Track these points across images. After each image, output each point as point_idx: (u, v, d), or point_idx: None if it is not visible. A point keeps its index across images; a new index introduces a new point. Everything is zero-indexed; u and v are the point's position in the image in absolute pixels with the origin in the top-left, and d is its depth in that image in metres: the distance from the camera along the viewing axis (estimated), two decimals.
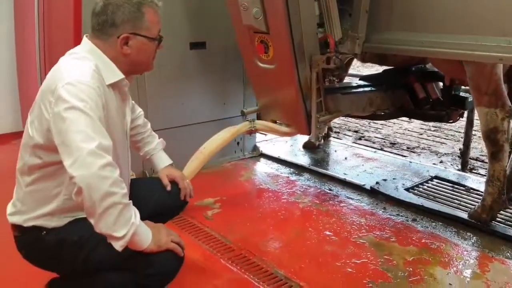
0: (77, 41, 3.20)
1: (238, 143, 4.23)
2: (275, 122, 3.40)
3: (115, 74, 1.75)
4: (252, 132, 3.41)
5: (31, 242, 1.76)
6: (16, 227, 1.77)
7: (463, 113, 3.41)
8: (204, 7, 3.71)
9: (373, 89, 3.45)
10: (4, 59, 4.49)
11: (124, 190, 1.56)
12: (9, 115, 4.61)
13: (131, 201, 1.61)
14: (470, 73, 2.76)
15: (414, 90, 3.37)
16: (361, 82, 3.61)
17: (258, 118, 3.56)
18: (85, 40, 1.77)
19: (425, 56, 3.00)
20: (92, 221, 1.53)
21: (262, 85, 3.34)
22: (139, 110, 2.22)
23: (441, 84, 3.41)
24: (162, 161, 2.23)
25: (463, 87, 3.42)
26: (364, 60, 3.64)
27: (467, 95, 3.31)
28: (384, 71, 3.69)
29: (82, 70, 1.64)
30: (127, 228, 1.56)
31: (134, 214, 1.60)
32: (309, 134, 3.23)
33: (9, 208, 1.79)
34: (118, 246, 1.56)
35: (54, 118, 1.55)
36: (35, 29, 3.86)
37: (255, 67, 3.21)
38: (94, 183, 1.47)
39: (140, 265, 1.72)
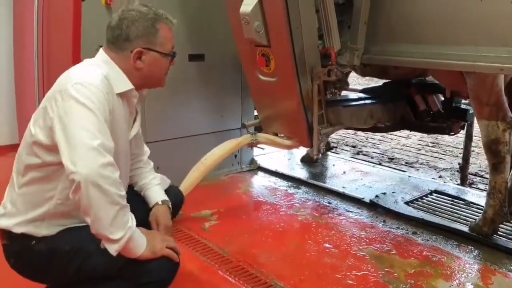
0: (76, 55, 3.26)
1: (235, 156, 4.19)
2: (276, 135, 3.38)
3: (125, 84, 1.76)
4: (253, 145, 3.38)
5: (20, 251, 1.70)
6: (5, 234, 1.71)
7: (464, 125, 3.39)
8: (203, 19, 3.71)
9: (373, 101, 3.44)
10: (1, 71, 4.46)
11: (123, 192, 1.53)
12: (6, 127, 4.57)
13: (128, 205, 1.57)
14: (471, 85, 2.75)
15: (414, 103, 3.36)
16: (362, 95, 3.60)
17: (259, 131, 3.53)
18: (101, 51, 1.80)
19: (425, 67, 2.98)
20: (88, 220, 1.50)
21: (264, 98, 3.33)
22: (147, 149, 2.18)
23: (441, 96, 3.39)
24: (154, 196, 2.05)
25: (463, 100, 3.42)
26: (364, 74, 3.63)
27: (468, 107, 3.30)
28: (384, 83, 3.68)
29: (92, 75, 1.65)
30: (124, 231, 1.52)
31: (131, 218, 1.57)
32: (311, 147, 3.21)
33: None
34: (113, 250, 1.52)
35: (59, 114, 1.54)
36: (33, 41, 3.84)
37: (257, 80, 3.20)
38: (93, 180, 1.44)
39: (135, 273, 1.67)
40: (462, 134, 4.59)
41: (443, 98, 3.40)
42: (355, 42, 2.99)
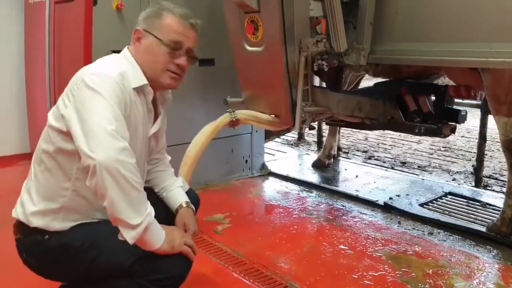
0: (87, 61, 3.26)
1: (246, 161, 4.18)
2: None
3: (139, 79, 1.74)
4: (234, 124, 3.22)
5: (33, 245, 1.69)
6: (19, 227, 1.70)
7: (455, 127, 3.19)
8: (212, 24, 3.71)
9: (364, 95, 3.37)
10: (13, 80, 4.49)
11: (139, 179, 1.52)
12: (17, 136, 4.58)
13: (145, 192, 1.56)
14: (487, 83, 2.71)
15: (405, 103, 3.21)
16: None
17: None
18: (125, 48, 1.83)
19: (438, 65, 2.95)
20: (104, 204, 1.48)
21: (249, 73, 3.24)
22: (168, 156, 2.16)
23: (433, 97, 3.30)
24: (178, 199, 2.00)
25: (456, 100, 3.35)
26: (376, 74, 3.59)
27: (459, 108, 3.20)
28: (376, 84, 3.63)
29: (110, 67, 1.67)
30: (142, 217, 1.50)
31: (149, 206, 1.56)
32: (293, 125, 3.07)
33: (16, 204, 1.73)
34: (130, 236, 1.50)
35: (75, 103, 1.55)
36: (45, 49, 3.86)
37: (243, 51, 3.13)
38: (109, 164, 1.43)
39: (148, 269, 1.63)
40: (475, 137, 4.54)
41: (435, 99, 3.28)
42: (361, 42, 2.95)
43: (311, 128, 3.44)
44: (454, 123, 3.17)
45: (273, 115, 3.19)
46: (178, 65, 1.79)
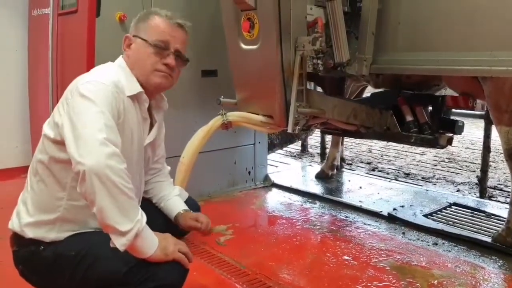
0: None
1: (249, 172, 4.16)
2: None
3: (134, 87, 1.74)
4: (227, 126, 3.19)
5: (28, 256, 1.67)
6: (15, 239, 1.69)
7: (452, 138, 3.15)
8: (215, 35, 3.72)
9: (360, 103, 3.34)
10: (16, 92, 4.50)
11: (130, 184, 1.49)
12: (20, 149, 4.58)
13: (136, 199, 1.55)
14: (488, 91, 2.70)
15: (401, 113, 3.20)
16: None
17: None
18: (119, 57, 1.82)
19: (440, 74, 2.95)
20: (94, 210, 1.46)
21: (243, 73, 3.20)
22: (168, 166, 2.15)
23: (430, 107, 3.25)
24: (176, 206, 2.01)
25: (458, 110, 3.32)
26: (377, 85, 3.60)
27: (456, 119, 3.17)
28: (373, 94, 3.62)
29: (104, 75, 1.67)
30: (132, 223, 1.47)
31: (140, 213, 1.53)
32: (286, 126, 2.99)
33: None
34: (120, 244, 1.47)
35: (68, 111, 1.55)
36: (48, 61, 3.87)
37: (238, 51, 3.10)
38: (99, 170, 1.42)
39: (143, 277, 1.58)
40: (479, 149, 4.52)
41: (432, 109, 3.23)
42: (363, 52, 2.95)
43: (304, 129, 3.27)
44: (451, 134, 3.15)
45: (266, 116, 3.13)
46: (167, 65, 1.76)
